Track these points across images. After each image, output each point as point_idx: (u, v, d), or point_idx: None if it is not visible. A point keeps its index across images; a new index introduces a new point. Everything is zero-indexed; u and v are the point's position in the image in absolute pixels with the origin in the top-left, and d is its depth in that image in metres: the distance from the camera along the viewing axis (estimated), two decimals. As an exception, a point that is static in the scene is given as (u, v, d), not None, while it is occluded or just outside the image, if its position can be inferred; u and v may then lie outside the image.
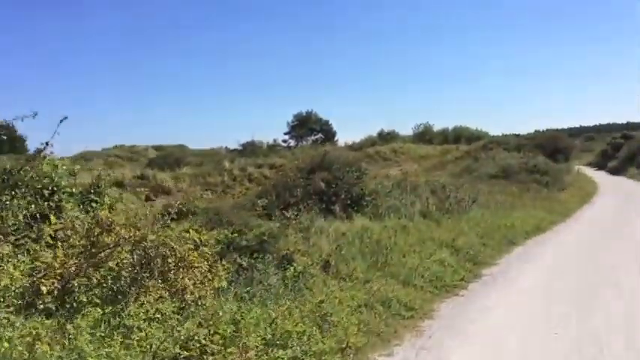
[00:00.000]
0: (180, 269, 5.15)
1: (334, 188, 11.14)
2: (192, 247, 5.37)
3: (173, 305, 4.94)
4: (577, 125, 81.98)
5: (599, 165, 46.05)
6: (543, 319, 6.92)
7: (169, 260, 5.10)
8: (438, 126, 62.63)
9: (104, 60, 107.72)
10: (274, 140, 64.93)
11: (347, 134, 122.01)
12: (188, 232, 5.57)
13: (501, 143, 33.87)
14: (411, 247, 9.95)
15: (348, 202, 11.30)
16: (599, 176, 35.97)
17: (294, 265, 7.40)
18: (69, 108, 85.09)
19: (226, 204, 12.56)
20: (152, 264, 4.98)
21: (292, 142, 65.30)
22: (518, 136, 35.64)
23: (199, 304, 5.21)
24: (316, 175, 11.22)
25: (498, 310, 7.51)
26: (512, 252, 11.67)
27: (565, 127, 71.07)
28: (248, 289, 6.27)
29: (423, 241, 10.60)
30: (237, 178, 27.00)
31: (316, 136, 65.91)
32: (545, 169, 26.79)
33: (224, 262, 5.98)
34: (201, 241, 5.49)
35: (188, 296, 5.12)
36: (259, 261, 7.02)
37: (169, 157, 36.57)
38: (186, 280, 5.16)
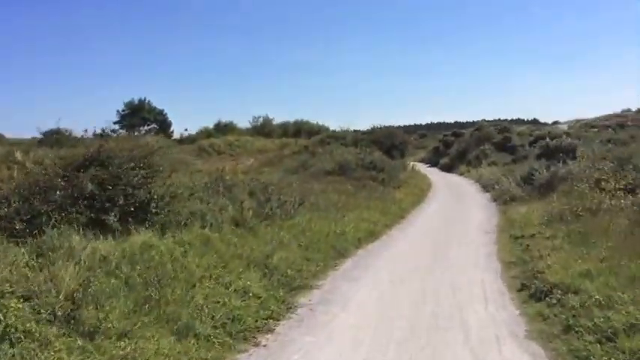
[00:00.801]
0: None
1: (110, 191, 8.25)
2: None
3: None
4: (411, 123, 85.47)
5: (432, 161, 47.31)
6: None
7: None
8: (278, 119, 61.11)
9: None
10: (103, 130, 59.02)
11: (191, 126, 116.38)
12: None
13: (339, 138, 32.74)
14: (206, 272, 7.45)
15: (132, 209, 8.47)
16: (433, 173, 36.42)
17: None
18: None
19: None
20: None
21: (123, 133, 59.92)
22: (356, 131, 34.78)
23: None
24: (83, 174, 8.23)
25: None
26: (340, 267, 9.69)
27: (401, 124, 73.83)
28: None
29: (226, 261, 8.14)
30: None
31: (149, 127, 61.24)
32: (382, 165, 25.88)
33: None
34: None
35: None
36: None
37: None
38: None
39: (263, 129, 56.82)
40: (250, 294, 7.17)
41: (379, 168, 25.62)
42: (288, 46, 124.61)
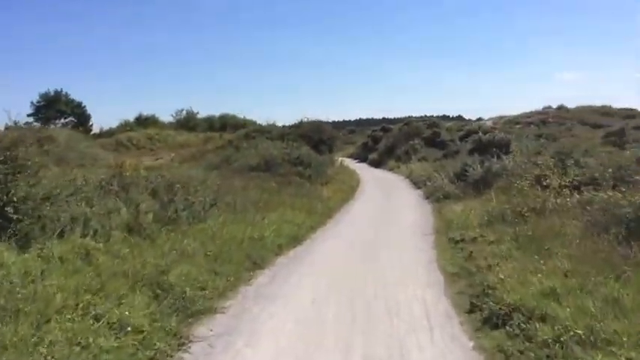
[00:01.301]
0: None
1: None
2: None
3: None
4: (340, 119, 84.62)
5: (361, 157, 46.35)
6: None
7: None
8: (204, 113, 58.67)
9: None
10: (15, 123, 54.67)
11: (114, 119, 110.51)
12: None
13: (265, 132, 30.96)
14: (72, 299, 5.62)
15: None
16: (362, 168, 35.33)
17: None
18: None
19: None
20: None
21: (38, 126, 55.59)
22: (284, 126, 33.02)
23: None
24: None
25: None
26: (254, 282, 8.03)
27: (330, 120, 72.83)
28: None
29: (105, 281, 6.32)
30: None
31: (67, 120, 57.27)
32: (309, 160, 24.37)
33: None
34: None
35: None
36: None
37: None
38: None
39: (187, 123, 54.20)
40: (129, 328, 5.41)
41: (306, 163, 24.13)
42: (214, 37, 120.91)
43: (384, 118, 54.35)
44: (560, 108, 47.91)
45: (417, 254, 9.88)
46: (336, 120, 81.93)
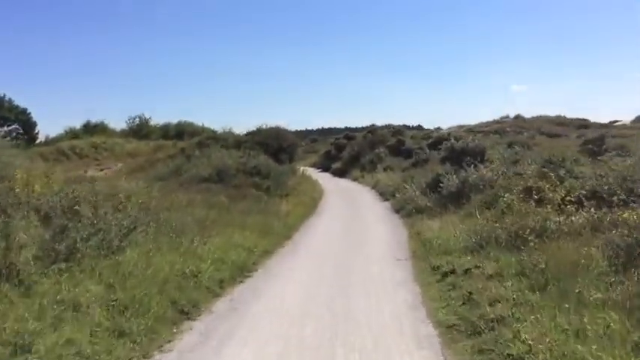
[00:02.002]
0: None
1: None
2: None
3: None
4: (303, 129, 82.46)
5: (324, 166, 44.29)
6: None
7: None
8: (161, 120, 55.81)
9: None
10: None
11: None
12: None
13: (220, 140, 28.50)
14: None
15: None
16: (325, 178, 33.25)
17: None
18: None
19: None
20: None
21: (-29, 133, 51.83)
22: (248, 134, 30.35)
23: None
24: None
25: None
26: (176, 346, 5.72)
27: (292, 129, 70.44)
28: None
29: None
30: None
31: (10, 127, 53.57)
32: (267, 170, 22.14)
33: None
34: None
35: None
36: None
37: None
38: None
39: (140, 130, 51.17)
40: None
41: (264, 174, 21.88)
42: (176, 44, 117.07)
43: (346, 128, 52.60)
44: (517, 118, 47.51)
45: (395, 292, 7.74)
46: (299, 129, 79.81)
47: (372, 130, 42.75)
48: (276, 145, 26.80)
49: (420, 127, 75.58)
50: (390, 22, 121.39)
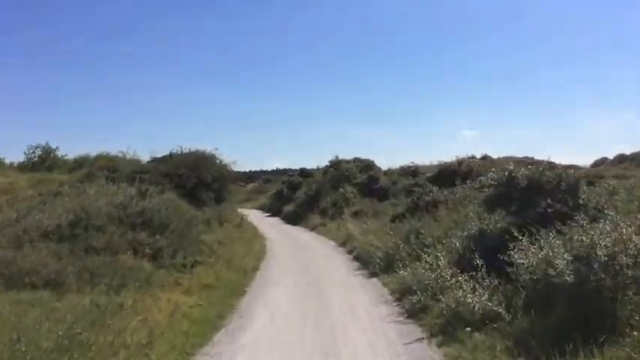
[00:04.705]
0: None
1: None
2: None
3: None
4: (257, 169, 73.31)
5: (273, 209, 35.14)
6: None
7: None
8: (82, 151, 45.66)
9: None
10: None
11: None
12: None
13: (110, 169, 18.77)
14: None
15: None
16: (272, 226, 24.01)
17: None
18: None
19: None
20: None
21: None
22: (153, 160, 20.65)
23: None
24: None
25: None
26: None
27: (247, 170, 61.27)
28: None
29: None
30: None
31: None
32: (165, 219, 12.67)
33: None
34: None
35: None
36: None
37: None
38: None
39: (43, 163, 40.87)
40: None
41: (158, 225, 12.43)
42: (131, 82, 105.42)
43: (302, 169, 44.86)
44: (485, 158, 41.40)
45: None
46: (253, 170, 70.45)
47: (334, 164, 33.50)
48: (194, 179, 17.34)
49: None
50: (342, 68, 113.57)
